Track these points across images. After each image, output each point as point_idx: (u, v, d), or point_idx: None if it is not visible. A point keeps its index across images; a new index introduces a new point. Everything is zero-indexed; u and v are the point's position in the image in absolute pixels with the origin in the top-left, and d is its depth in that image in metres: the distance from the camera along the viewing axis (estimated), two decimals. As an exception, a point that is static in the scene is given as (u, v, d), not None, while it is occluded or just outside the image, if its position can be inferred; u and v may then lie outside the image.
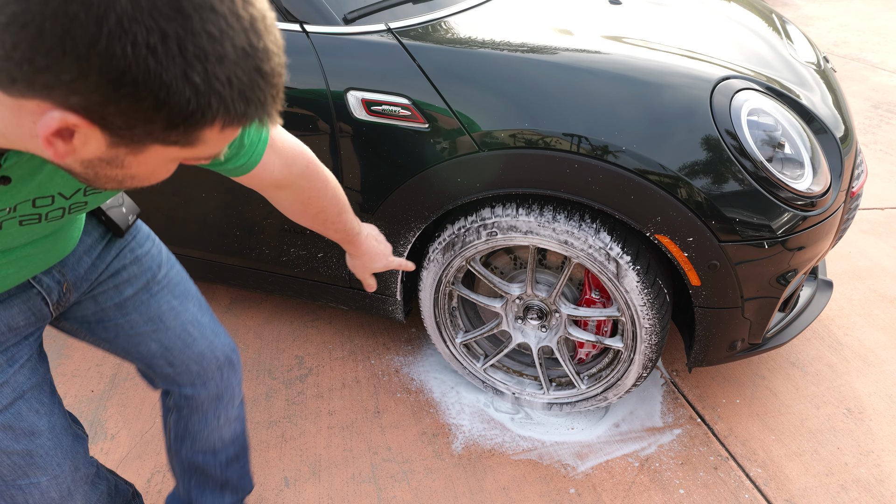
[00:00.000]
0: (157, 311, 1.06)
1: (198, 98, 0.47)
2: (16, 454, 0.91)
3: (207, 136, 0.52)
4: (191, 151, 0.54)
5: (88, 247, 0.98)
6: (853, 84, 4.35)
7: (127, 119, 0.47)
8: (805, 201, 1.39)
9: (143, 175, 0.58)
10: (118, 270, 1.02)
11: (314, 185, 0.97)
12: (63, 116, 0.47)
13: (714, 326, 1.51)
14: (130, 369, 2.00)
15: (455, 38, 1.48)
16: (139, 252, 1.05)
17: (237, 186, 1.73)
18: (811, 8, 6.54)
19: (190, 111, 0.47)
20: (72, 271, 0.95)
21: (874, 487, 1.59)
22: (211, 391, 1.18)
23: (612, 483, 1.62)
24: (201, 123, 0.49)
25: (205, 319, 1.14)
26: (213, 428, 1.24)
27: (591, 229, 1.44)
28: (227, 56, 0.47)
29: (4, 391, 0.88)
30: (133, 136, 0.49)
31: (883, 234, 2.64)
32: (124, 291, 1.03)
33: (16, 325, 0.88)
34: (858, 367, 1.97)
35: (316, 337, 2.14)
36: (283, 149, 0.91)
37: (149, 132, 0.49)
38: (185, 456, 1.27)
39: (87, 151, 0.52)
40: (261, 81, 0.50)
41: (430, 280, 1.67)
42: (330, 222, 1.05)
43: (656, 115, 1.34)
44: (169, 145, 0.51)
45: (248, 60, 0.48)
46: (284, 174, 0.92)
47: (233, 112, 0.49)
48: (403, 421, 1.81)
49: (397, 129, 1.49)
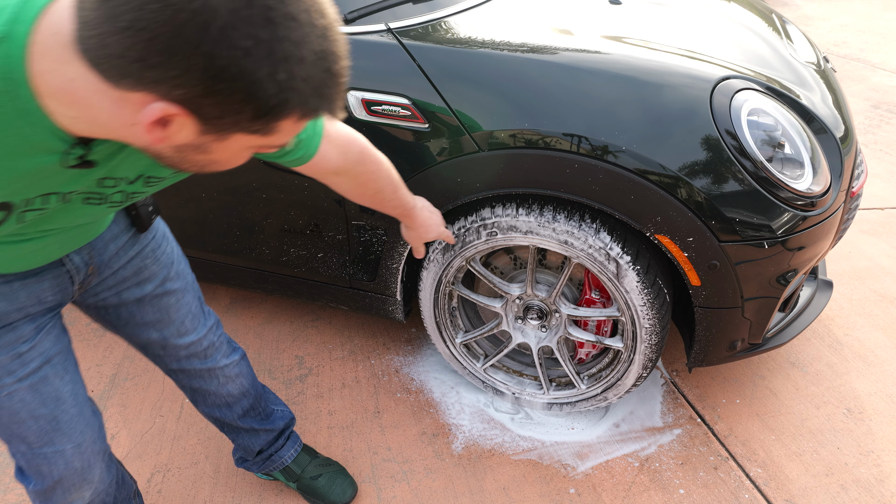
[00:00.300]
0: (166, 306, 1.15)
1: (280, 94, 0.55)
2: (43, 418, 0.97)
3: (284, 126, 0.60)
4: (266, 140, 0.62)
5: (115, 235, 1.05)
6: (853, 84, 4.35)
7: (220, 109, 0.55)
8: (805, 201, 1.39)
9: (223, 160, 0.66)
10: (140, 268, 1.10)
11: (369, 169, 1.09)
12: (165, 107, 0.55)
13: (714, 326, 1.51)
14: (130, 369, 2.00)
15: (455, 38, 1.48)
16: (158, 252, 1.13)
17: (237, 186, 1.73)
18: (811, 8, 6.54)
19: (273, 104, 0.56)
20: (98, 255, 1.02)
21: (874, 487, 1.59)
22: (196, 366, 1.27)
23: (612, 483, 1.62)
24: (281, 115, 0.57)
25: (196, 308, 1.23)
26: (215, 387, 1.32)
27: (591, 229, 1.44)
28: (305, 59, 0.55)
29: (32, 355, 0.94)
30: (222, 125, 0.57)
31: (883, 234, 2.64)
32: (144, 288, 1.11)
33: (44, 299, 0.95)
34: (858, 367, 1.97)
35: (316, 337, 2.14)
36: (338, 138, 1.02)
37: (236, 122, 0.57)
38: (206, 412, 1.39)
39: (181, 138, 0.59)
40: (330, 80, 0.59)
41: (430, 280, 1.67)
42: (387, 200, 1.18)
43: (656, 115, 1.34)
44: (251, 134, 0.59)
45: (321, 62, 0.57)
46: (341, 161, 1.03)
47: (308, 106, 0.58)
48: (403, 421, 1.81)
49: (397, 129, 1.49)
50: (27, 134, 0.62)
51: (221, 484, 1.64)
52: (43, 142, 0.64)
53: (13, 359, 0.92)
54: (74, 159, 0.68)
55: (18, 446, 0.99)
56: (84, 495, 1.09)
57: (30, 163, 0.65)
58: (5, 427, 0.96)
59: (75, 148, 0.67)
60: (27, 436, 0.98)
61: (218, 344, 1.29)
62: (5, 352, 0.92)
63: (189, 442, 1.76)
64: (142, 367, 2.01)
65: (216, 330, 1.29)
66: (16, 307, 0.91)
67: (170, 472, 1.67)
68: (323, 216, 1.69)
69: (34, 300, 0.93)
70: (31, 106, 0.60)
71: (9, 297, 0.90)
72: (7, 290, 0.90)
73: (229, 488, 1.62)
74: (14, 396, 0.94)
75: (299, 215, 1.72)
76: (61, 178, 0.71)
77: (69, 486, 1.05)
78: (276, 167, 1.63)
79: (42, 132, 0.63)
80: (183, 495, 1.61)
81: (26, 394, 0.95)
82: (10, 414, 0.95)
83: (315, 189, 1.65)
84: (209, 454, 1.72)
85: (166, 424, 1.81)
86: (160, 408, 1.87)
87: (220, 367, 1.30)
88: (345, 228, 1.69)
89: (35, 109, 0.60)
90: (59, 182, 0.71)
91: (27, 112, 0.60)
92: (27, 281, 0.92)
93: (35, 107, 0.60)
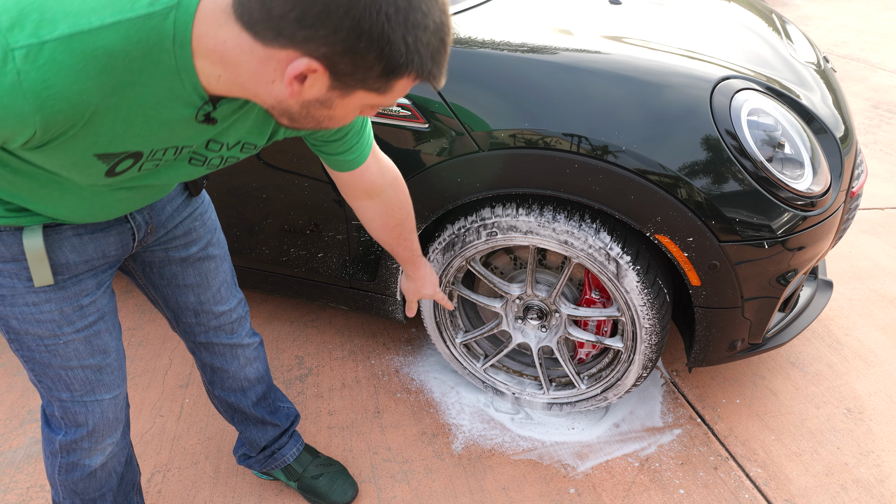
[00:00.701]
0: (206, 270, 1.21)
1: (408, 54, 0.64)
2: (90, 368, 1.05)
3: (399, 85, 0.69)
4: (381, 98, 0.71)
5: (171, 197, 1.11)
6: (853, 84, 4.35)
7: (354, 66, 0.64)
8: (805, 201, 1.39)
9: (339, 116, 0.75)
10: (189, 230, 1.16)
11: (398, 197, 1.16)
12: (309, 63, 0.64)
13: (714, 326, 1.51)
14: (131, 369, 2.01)
15: (455, 38, 1.48)
16: (205, 216, 1.19)
17: (237, 186, 1.73)
18: (811, 8, 6.54)
19: (400, 63, 0.65)
20: (157, 216, 1.09)
21: (874, 487, 1.59)
22: (222, 340, 1.32)
23: (612, 483, 1.62)
24: (403, 73, 0.66)
25: (231, 279, 1.28)
26: (235, 368, 1.37)
27: (591, 229, 1.44)
28: (429, 27, 0.65)
29: (91, 309, 1.02)
30: (350, 81, 0.67)
31: (883, 234, 2.64)
32: (190, 249, 1.17)
33: (108, 253, 1.02)
34: (858, 367, 1.97)
35: (316, 337, 2.14)
36: (381, 158, 1.10)
37: (363, 79, 0.66)
38: (221, 396, 1.43)
39: (312, 93, 0.68)
40: (443, 48, 0.68)
41: (430, 280, 1.67)
42: (403, 237, 1.23)
43: (656, 115, 1.34)
44: (371, 91, 0.68)
45: (439, 32, 0.66)
46: (378, 180, 1.10)
47: (425, 68, 0.67)
48: (403, 421, 1.81)
49: (397, 128, 1.49)
50: (176, 87, 0.71)
51: (221, 484, 1.64)
52: (186, 96, 0.73)
53: (75, 310, 1.00)
54: (203, 115, 0.77)
55: (60, 394, 1.06)
56: (106, 448, 1.17)
57: (170, 114, 0.74)
58: (55, 372, 1.03)
59: (206, 105, 0.76)
60: (73, 383, 1.05)
61: (244, 320, 1.34)
62: (69, 303, 0.98)
63: (189, 442, 1.76)
64: (142, 368, 2.02)
65: (244, 306, 1.34)
66: (83, 259, 0.98)
67: (170, 472, 1.67)
68: (323, 216, 1.69)
69: (99, 253, 1.00)
70: (187, 64, 0.69)
71: (79, 248, 0.97)
72: (77, 242, 0.96)
73: (229, 488, 1.62)
74: (70, 346, 1.01)
75: (299, 215, 1.72)
76: (187, 132, 0.79)
77: (98, 436, 1.13)
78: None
79: (188, 87, 0.72)
80: (183, 495, 1.61)
81: (80, 344, 1.02)
82: (63, 360, 1.02)
83: (315, 189, 1.65)
84: (209, 454, 1.72)
85: (166, 424, 1.81)
86: (160, 408, 1.87)
87: (243, 345, 1.35)
88: (345, 228, 1.69)
89: (190, 67, 0.69)
90: (183, 136, 0.80)
91: (183, 69, 0.69)
92: (95, 235, 0.98)
93: (190, 65, 0.69)
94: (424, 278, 1.38)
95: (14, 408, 1.88)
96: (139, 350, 2.09)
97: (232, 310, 1.30)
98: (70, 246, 0.96)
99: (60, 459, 1.15)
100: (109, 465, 1.21)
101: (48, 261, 0.93)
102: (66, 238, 0.95)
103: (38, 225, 0.91)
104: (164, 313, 1.28)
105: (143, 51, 0.67)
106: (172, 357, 2.06)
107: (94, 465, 1.17)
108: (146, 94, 0.70)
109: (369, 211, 1.16)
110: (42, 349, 1.00)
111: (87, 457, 1.15)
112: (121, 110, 0.70)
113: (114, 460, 1.22)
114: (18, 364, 2.04)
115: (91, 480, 1.20)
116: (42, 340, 0.99)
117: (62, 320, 0.99)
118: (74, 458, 1.15)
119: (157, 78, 0.69)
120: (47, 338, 0.99)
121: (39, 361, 1.02)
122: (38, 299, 0.96)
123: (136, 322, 2.22)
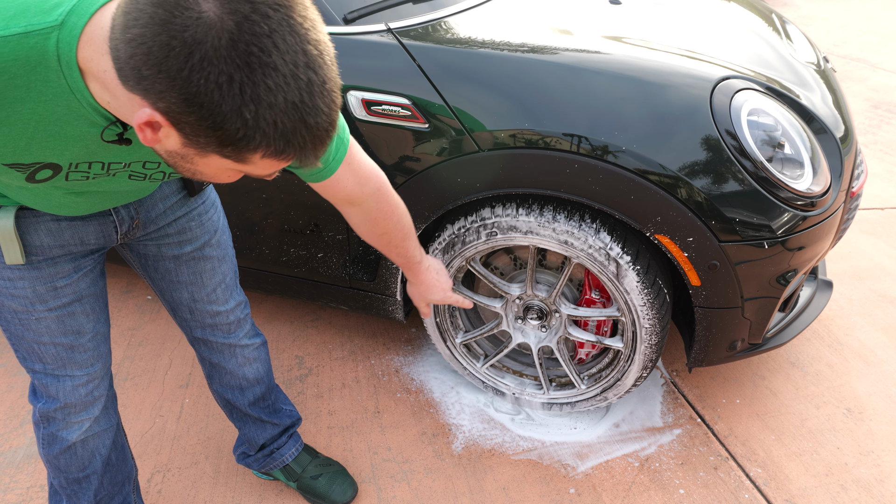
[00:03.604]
0: (201, 270, 1.23)
1: (245, 130, 0.61)
2: (61, 346, 1.09)
3: (254, 160, 0.65)
4: (243, 167, 0.69)
5: (165, 195, 1.13)
6: (853, 84, 4.35)
7: (193, 129, 0.62)
8: (805, 201, 1.39)
9: (208, 174, 0.73)
10: (184, 229, 1.17)
11: (381, 208, 1.13)
12: (151, 113, 0.62)
13: (714, 326, 1.51)
14: (131, 369, 2.01)
15: (455, 38, 1.48)
16: (204, 217, 1.20)
17: (237, 186, 1.73)
18: (811, 8, 6.54)
19: (238, 138, 0.61)
20: (145, 212, 1.11)
21: (874, 487, 1.59)
22: (219, 339, 1.33)
23: (612, 483, 1.62)
24: (247, 149, 0.63)
25: (230, 281, 1.29)
26: (233, 366, 1.38)
27: (591, 229, 1.44)
28: (276, 105, 0.60)
29: (66, 291, 1.05)
30: (198, 143, 0.63)
31: (883, 234, 2.64)
32: (184, 248, 1.19)
33: (87, 241, 1.05)
34: (858, 367, 1.97)
35: (316, 337, 2.14)
36: (360, 169, 1.07)
37: (208, 143, 0.63)
38: (218, 391, 1.45)
39: (168, 144, 0.66)
40: (304, 131, 0.63)
41: (430, 280, 1.67)
42: (393, 245, 1.21)
43: (656, 115, 1.34)
44: (224, 158, 0.65)
45: (295, 112, 0.61)
46: (356, 192, 1.08)
47: (273, 148, 0.63)
48: (403, 421, 1.81)
49: (397, 128, 1.49)
50: (74, 106, 0.73)
51: (221, 484, 1.64)
52: (86, 115, 0.74)
53: (49, 290, 1.03)
54: (114, 136, 0.78)
55: (34, 365, 1.11)
56: (83, 424, 1.19)
57: (74, 129, 0.75)
58: (28, 345, 1.08)
59: (114, 125, 0.77)
60: (44, 356, 1.09)
61: (243, 322, 1.35)
62: (42, 283, 1.02)
63: (189, 442, 1.76)
64: (142, 368, 2.02)
65: (244, 308, 1.34)
66: (59, 244, 1.01)
67: (170, 472, 1.67)
68: (323, 216, 1.69)
69: (77, 240, 1.03)
70: (78, 84, 0.70)
71: (55, 233, 1.00)
72: (54, 227, 1.00)
73: (229, 488, 1.62)
74: (41, 322, 1.05)
75: (299, 215, 1.72)
76: (103, 150, 0.81)
77: (71, 410, 1.16)
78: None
79: (85, 106, 0.73)
80: (183, 495, 1.61)
81: (52, 322, 1.06)
82: (35, 335, 1.07)
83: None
84: (209, 454, 1.72)
85: (166, 424, 1.81)
86: (160, 408, 1.87)
87: (241, 346, 1.36)
88: (345, 228, 1.69)
89: (82, 87, 0.71)
90: (101, 153, 0.81)
91: (76, 90, 0.71)
92: (74, 223, 1.02)
93: (82, 85, 0.71)
94: (429, 284, 1.35)
95: (14, 408, 1.88)
96: (139, 350, 2.09)
97: (229, 311, 1.30)
98: (46, 230, 0.99)
99: (42, 431, 1.19)
100: (91, 445, 1.22)
101: (19, 241, 0.97)
102: (44, 222, 0.99)
103: (13, 206, 0.96)
104: (163, 304, 1.30)
105: (24, 69, 0.68)
106: (172, 357, 2.06)
107: (71, 440, 1.19)
108: (42, 111, 0.72)
109: (353, 217, 1.16)
110: (16, 322, 1.05)
111: (64, 429, 1.18)
112: (15, 124, 0.72)
113: (95, 440, 1.22)
114: (18, 364, 2.04)
115: (72, 458, 1.21)
116: (16, 314, 1.04)
117: (34, 298, 1.03)
118: (52, 429, 1.18)
119: (50, 96, 0.71)
120: (21, 312, 1.04)
121: (14, 333, 1.07)
122: (12, 275, 1.01)
123: (136, 322, 2.22)
